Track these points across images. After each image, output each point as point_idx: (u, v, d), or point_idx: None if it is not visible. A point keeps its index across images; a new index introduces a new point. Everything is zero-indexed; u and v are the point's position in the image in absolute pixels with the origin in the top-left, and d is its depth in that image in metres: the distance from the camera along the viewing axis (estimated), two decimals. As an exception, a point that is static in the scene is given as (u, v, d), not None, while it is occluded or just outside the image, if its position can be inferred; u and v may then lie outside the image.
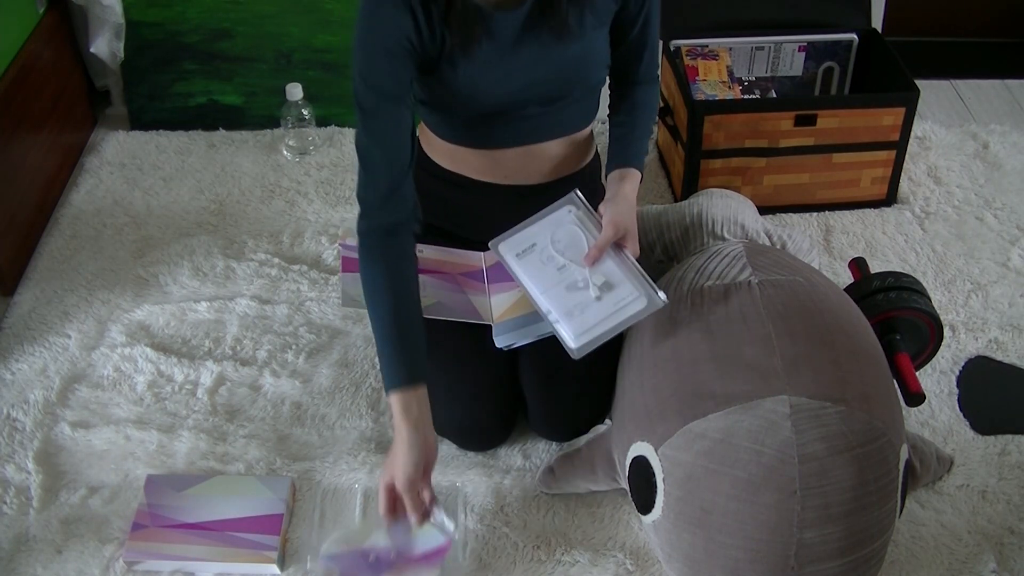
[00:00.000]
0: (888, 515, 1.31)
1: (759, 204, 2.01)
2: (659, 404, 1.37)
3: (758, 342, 1.36)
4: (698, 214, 1.77)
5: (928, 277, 1.97)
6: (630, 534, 1.50)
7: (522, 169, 1.63)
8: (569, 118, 1.60)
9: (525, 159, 1.62)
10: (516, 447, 1.63)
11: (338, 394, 1.72)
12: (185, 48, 2.32)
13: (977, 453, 1.62)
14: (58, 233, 2.07)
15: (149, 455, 1.61)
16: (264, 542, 1.45)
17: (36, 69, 2.13)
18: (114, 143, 2.33)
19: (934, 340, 1.67)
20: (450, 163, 1.64)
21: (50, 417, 1.68)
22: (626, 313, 1.45)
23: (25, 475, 1.58)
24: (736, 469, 1.27)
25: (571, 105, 1.57)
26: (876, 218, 2.13)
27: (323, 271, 1.96)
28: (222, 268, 1.97)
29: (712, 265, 1.54)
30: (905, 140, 2.08)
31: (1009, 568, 1.45)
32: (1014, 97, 2.57)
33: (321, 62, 2.33)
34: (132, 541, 1.46)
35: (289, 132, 2.28)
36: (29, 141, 2.07)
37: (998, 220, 2.12)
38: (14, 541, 1.49)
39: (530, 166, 1.63)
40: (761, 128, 2.03)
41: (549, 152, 1.62)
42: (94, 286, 1.94)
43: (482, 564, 1.46)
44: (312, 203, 2.15)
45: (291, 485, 1.54)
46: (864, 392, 1.33)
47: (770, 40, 2.26)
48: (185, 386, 1.73)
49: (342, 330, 1.84)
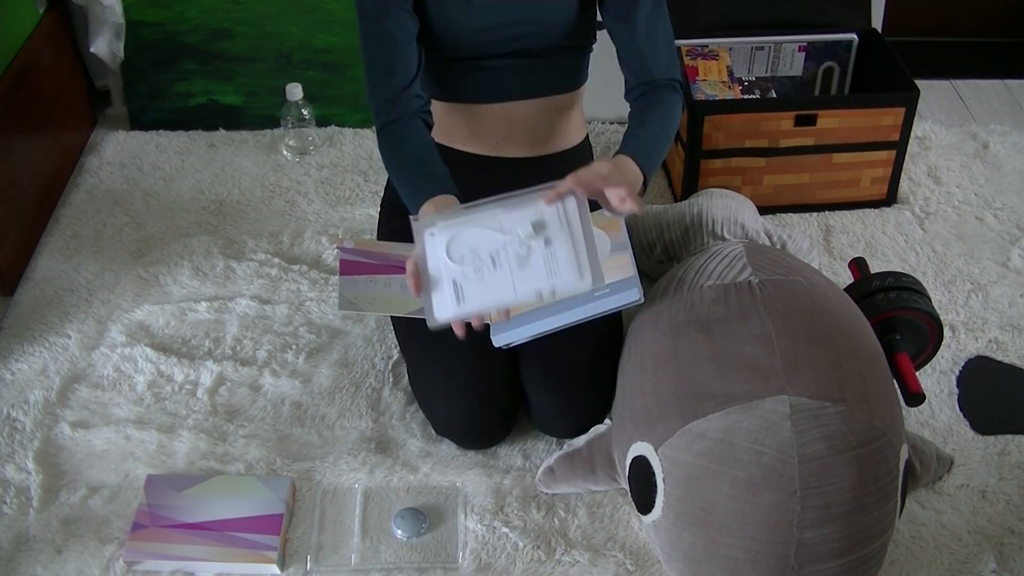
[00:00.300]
0: (888, 515, 1.31)
1: (759, 204, 2.01)
2: (659, 404, 1.37)
3: (758, 342, 1.36)
4: (698, 214, 1.77)
5: (928, 277, 1.97)
6: (630, 534, 1.50)
7: (507, 135, 1.66)
8: (547, 78, 1.63)
9: (509, 121, 1.65)
10: (516, 447, 1.63)
11: (338, 394, 1.72)
12: (185, 48, 2.32)
13: (977, 453, 1.62)
14: (58, 233, 2.07)
15: (149, 455, 1.61)
16: (264, 542, 1.45)
17: (36, 69, 2.13)
18: (114, 143, 2.33)
19: (934, 340, 1.67)
20: (443, 135, 1.67)
21: (50, 417, 1.68)
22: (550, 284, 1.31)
23: (25, 475, 1.58)
24: (736, 469, 1.27)
25: (546, 64, 1.60)
26: (876, 218, 2.13)
27: (323, 271, 1.96)
28: (222, 268, 1.97)
29: (712, 265, 1.54)
30: (905, 140, 2.08)
31: (1009, 568, 1.45)
32: (1014, 97, 2.57)
33: (321, 62, 2.33)
34: (132, 541, 1.46)
35: (289, 132, 2.28)
36: (29, 141, 2.07)
37: (998, 220, 2.12)
38: (14, 541, 1.49)
39: (514, 131, 1.66)
40: (761, 128, 2.03)
41: (532, 117, 1.65)
42: (94, 286, 1.94)
43: (482, 564, 1.46)
44: (312, 203, 2.15)
45: (291, 485, 1.54)
46: (864, 392, 1.33)
47: (770, 40, 2.26)
48: (185, 386, 1.73)
49: (342, 330, 1.84)
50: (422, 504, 1.53)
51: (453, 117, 1.66)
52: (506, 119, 1.65)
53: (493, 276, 1.32)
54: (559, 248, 1.31)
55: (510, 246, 1.32)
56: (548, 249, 1.32)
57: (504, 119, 1.65)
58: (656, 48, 1.57)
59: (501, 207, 1.33)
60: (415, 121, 1.54)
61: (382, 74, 1.53)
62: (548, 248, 1.32)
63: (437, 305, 1.32)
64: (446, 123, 1.67)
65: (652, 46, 1.56)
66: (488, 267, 1.32)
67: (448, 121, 1.66)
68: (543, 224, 1.32)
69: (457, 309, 1.31)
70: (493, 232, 1.32)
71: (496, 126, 1.66)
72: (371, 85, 1.54)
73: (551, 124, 1.68)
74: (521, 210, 1.32)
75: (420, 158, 1.50)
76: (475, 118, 1.65)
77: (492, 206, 1.33)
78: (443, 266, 1.32)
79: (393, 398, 1.71)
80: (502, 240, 1.32)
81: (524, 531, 1.50)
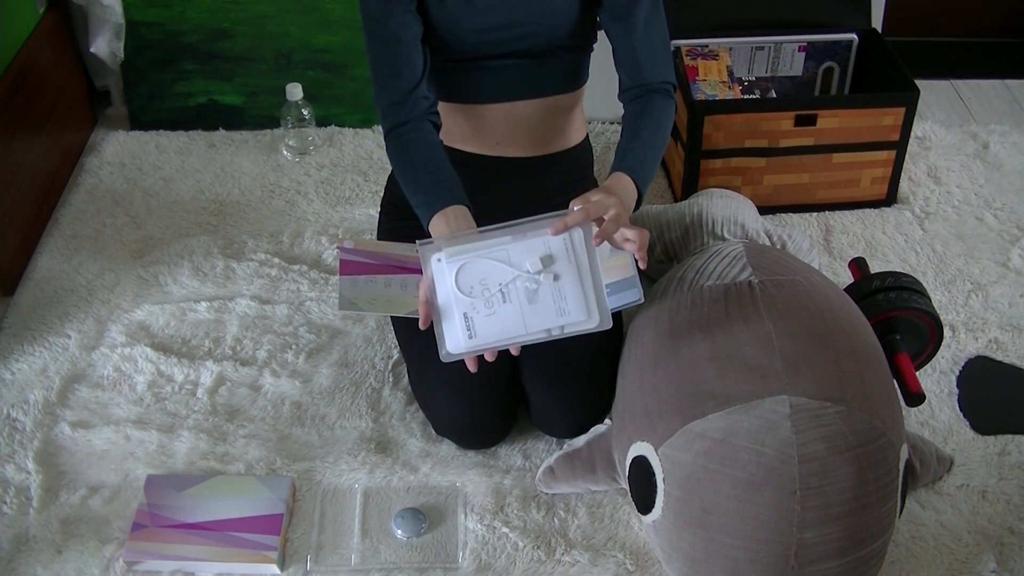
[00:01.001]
0: (888, 515, 1.31)
1: (759, 204, 2.01)
2: (659, 404, 1.37)
3: (758, 342, 1.36)
4: (698, 214, 1.77)
5: (928, 277, 1.97)
6: (630, 534, 1.50)
7: (508, 135, 1.65)
8: (548, 78, 1.63)
9: (511, 121, 1.65)
10: (516, 447, 1.63)
11: (338, 394, 1.72)
12: (185, 48, 2.32)
13: (977, 453, 1.62)
14: (58, 233, 2.07)
15: (149, 455, 1.61)
16: (264, 542, 1.45)
17: (36, 69, 2.13)
18: (114, 143, 2.33)
19: (934, 340, 1.67)
20: (444, 135, 1.67)
21: (50, 417, 1.68)
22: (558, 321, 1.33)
23: (25, 475, 1.58)
24: (736, 469, 1.27)
25: (548, 64, 1.60)
26: (876, 218, 2.13)
27: (323, 271, 1.96)
28: (222, 268, 1.97)
29: (712, 265, 1.54)
30: (905, 140, 2.08)
31: (1009, 568, 1.45)
32: (1014, 97, 2.57)
33: (321, 62, 2.33)
34: (132, 541, 1.46)
35: (289, 132, 2.28)
36: (29, 141, 2.07)
37: (998, 220, 2.12)
38: (14, 541, 1.49)
39: (516, 131, 1.66)
40: (761, 128, 2.03)
41: (533, 117, 1.65)
42: (94, 286, 1.94)
43: (482, 564, 1.46)
44: (312, 203, 2.15)
45: (291, 485, 1.54)
46: (864, 392, 1.33)
47: (770, 40, 2.26)
48: (185, 386, 1.73)
49: (342, 330, 1.84)
50: (422, 504, 1.53)
51: (454, 117, 1.66)
52: (507, 119, 1.65)
53: (503, 310, 1.33)
54: (567, 285, 1.34)
55: (519, 280, 1.33)
56: (556, 285, 1.34)
57: (505, 119, 1.65)
58: (652, 50, 1.57)
59: (509, 236, 1.34)
60: (424, 124, 1.53)
61: (388, 76, 1.52)
62: (556, 284, 1.34)
63: (449, 338, 1.34)
64: (447, 123, 1.67)
65: (648, 48, 1.57)
66: (498, 301, 1.33)
67: (449, 121, 1.66)
68: (551, 258, 1.34)
69: (469, 343, 1.34)
70: (502, 265, 1.33)
71: (497, 126, 1.66)
72: (377, 88, 1.54)
73: (552, 124, 1.68)
74: (529, 240, 1.34)
75: (430, 166, 1.50)
76: (477, 118, 1.65)
77: (501, 234, 1.34)
78: (453, 297, 1.33)
79: (393, 398, 1.71)
80: (511, 274, 1.33)
81: (524, 531, 1.50)
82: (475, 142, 1.68)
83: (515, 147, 1.68)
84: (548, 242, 1.33)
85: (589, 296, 1.34)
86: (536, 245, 1.33)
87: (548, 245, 1.33)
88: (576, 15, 1.57)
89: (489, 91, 1.62)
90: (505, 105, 1.64)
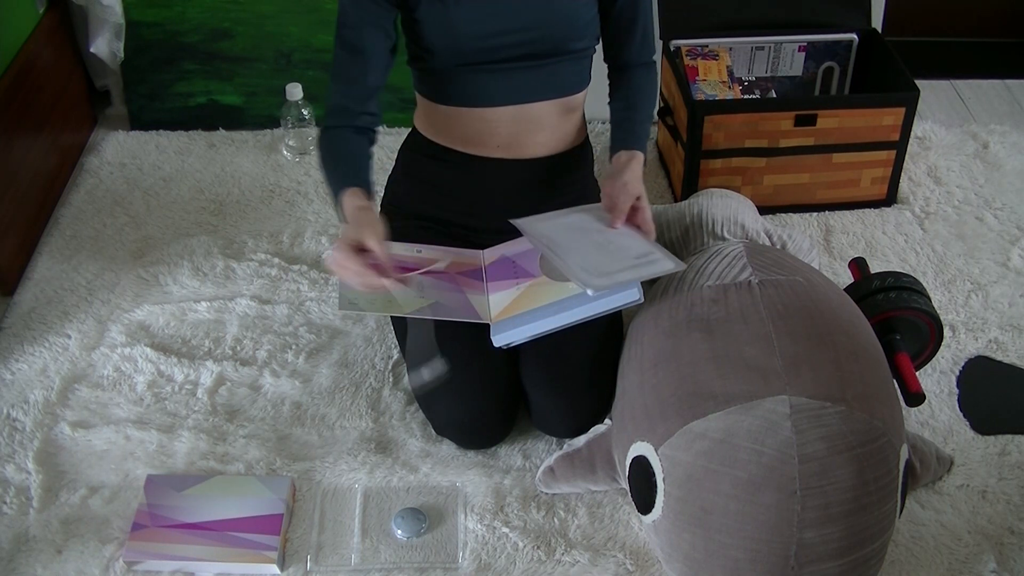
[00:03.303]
0: (888, 515, 1.31)
1: (759, 204, 2.01)
2: (659, 404, 1.37)
3: (758, 342, 1.36)
4: (698, 214, 1.77)
5: (928, 277, 1.97)
6: (630, 534, 1.50)
7: (514, 137, 1.65)
8: (556, 79, 1.63)
9: (516, 124, 1.65)
10: (516, 447, 1.63)
11: (338, 394, 1.72)
12: (185, 48, 2.32)
13: (977, 453, 1.62)
14: (58, 233, 2.07)
15: (149, 455, 1.61)
16: (264, 542, 1.45)
17: (36, 69, 2.13)
18: (114, 143, 2.33)
19: (934, 340, 1.67)
20: (445, 137, 1.68)
21: (50, 417, 1.68)
22: (649, 269, 1.48)
23: (25, 475, 1.58)
24: (736, 469, 1.27)
25: (557, 66, 1.61)
26: (876, 218, 2.13)
27: (323, 271, 1.96)
28: (222, 268, 1.97)
29: (712, 265, 1.54)
30: (905, 140, 2.08)
31: (1009, 568, 1.45)
32: (1014, 97, 2.57)
33: (321, 62, 2.33)
34: (132, 541, 1.46)
35: (289, 132, 2.28)
36: (29, 141, 2.07)
37: (998, 220, 2.12)
38: (14, 541, 1.49)
39: (522, 134, 1.66)
40: (761, 128, 2.03)
41: (540, 119, 1.65)
42: (94, 286, 1.94)
43: (482, 564, 1.46)
44: (312, 203, 2.15)
45: (291, 485, 1.54)
46: (864, 392, 1.33)
47: (770, 40, 2.26)
48: (185, 386, 1.73)
49: (342, 330, 1.84)
50: (422, 504, 1.53)
51: (458, 120, 1.66)
52: (511, 122, 1.65)
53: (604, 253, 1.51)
54: (635, 243, 1.52)
55: (597, 234, 1.53)
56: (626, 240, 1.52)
57: (509, 122, 1.65)
58: (634, 36, 1.66)
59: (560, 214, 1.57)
60: (360, 137, 1.59)
61: (343, 82, 1.58)
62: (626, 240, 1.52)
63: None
64: (449, 126, 1.66)
65: (631, 34, 1.65)
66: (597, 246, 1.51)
67: (452, 124, 1.66)
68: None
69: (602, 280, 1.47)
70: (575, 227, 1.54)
71: (501, 129, 1.65)
72: (332, 87, 1.59)
73: (555, 126, 1.68)
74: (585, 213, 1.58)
75: (353, 161, 1.56)
76: (480, 121, 1.65)
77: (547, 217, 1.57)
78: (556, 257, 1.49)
79: (393, 398, 1.71)
80: (587, 229, 1.54)
81: (524, 531, 1.50)
82: (477, 145, 1.68)
83: (517, 149, 1.68)
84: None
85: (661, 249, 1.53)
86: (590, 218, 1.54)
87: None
88: (580, 18, 1.58)
89: (492, 95, 1.62)
90: (508, 108, 1.63)
